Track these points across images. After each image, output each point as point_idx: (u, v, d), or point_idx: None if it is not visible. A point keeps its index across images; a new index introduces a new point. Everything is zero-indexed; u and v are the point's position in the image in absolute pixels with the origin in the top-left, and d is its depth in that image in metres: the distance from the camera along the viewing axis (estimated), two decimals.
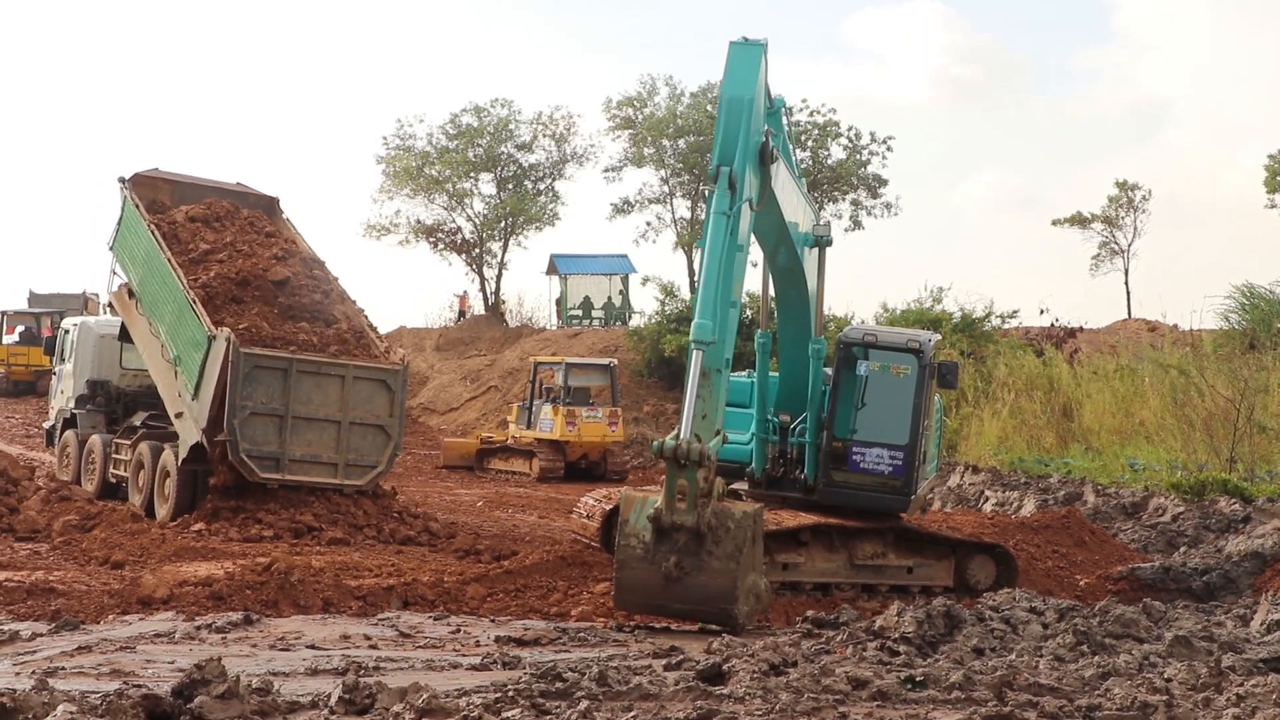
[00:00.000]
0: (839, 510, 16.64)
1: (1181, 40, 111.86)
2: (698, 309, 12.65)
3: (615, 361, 37.87)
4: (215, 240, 22.99)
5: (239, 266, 22.35)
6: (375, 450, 21.20)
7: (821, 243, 16.44)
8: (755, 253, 15.00)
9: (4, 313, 51.65)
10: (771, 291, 16.89)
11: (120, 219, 23.54)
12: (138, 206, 22.93)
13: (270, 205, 24.88)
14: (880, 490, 16.51)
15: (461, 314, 59.91)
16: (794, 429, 16.76)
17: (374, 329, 23.03)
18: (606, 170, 59.29)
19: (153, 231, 22.27)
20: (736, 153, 12.99)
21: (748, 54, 13.16)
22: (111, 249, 23.95)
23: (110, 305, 25.07)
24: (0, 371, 48.31)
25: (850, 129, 55.32)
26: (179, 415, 21.32)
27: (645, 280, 53.80)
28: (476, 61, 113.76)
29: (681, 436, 12.28)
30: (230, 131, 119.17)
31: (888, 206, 56.05)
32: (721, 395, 12.94)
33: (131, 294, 23.26)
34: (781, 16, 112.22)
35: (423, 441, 41.65)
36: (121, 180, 23.57)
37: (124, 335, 24.45)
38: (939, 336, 19.65)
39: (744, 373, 18.55)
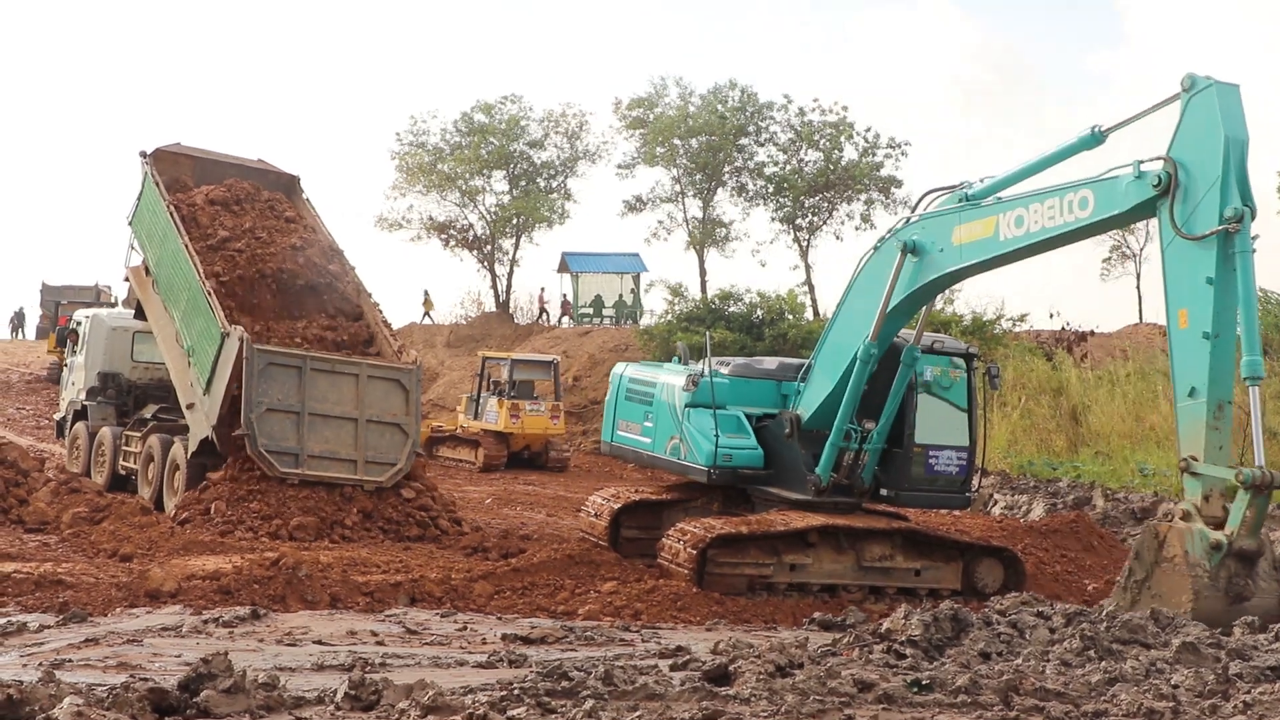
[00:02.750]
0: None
1: (1194, 45, 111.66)
2: (1246, 346, 12.67)
3: (559, 358, 39.11)
4: (234, 226, 22.85)
5: (256, 255, 22.31)
6: (394, 448, 21.12)
7: None
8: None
9: (57, 304, 52.30)
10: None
11: (140, 194, 23.42)
12: (158, 184, 22.77)
13: (291, 185, 24.73)
14: (946, 490, 17.19)
15: (427, 314, 59.91)
16: (869, 436, 16.84)
17: (388, 325, 22.99)
18: (619, 168, 59.39)
19: (171, 213, 22.17)
20: (1250, 193, 13.05)
21: (1233, 95, 13.23)
22: (130, 224, 23.85)
23: (127, 280, 24.99)
24: (53, 359, 48.65)
25: (868, 129, 55.25)
26: (190, 406, 21.32)
27: (650, 285, 53.84)
28: (490, 58, 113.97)
29: (1260, 464, 12.40)
30: (245, 125, 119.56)
31: (905, 204, 55.97)
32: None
33: (148, 271, 23.22)
34: (791, 15, 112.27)
35: None
36: (143, 154, 23.43)
37: (139, 313, 24.45)
38: None
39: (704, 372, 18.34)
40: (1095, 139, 14.75)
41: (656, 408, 18.38)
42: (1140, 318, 49.45)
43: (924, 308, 17.20)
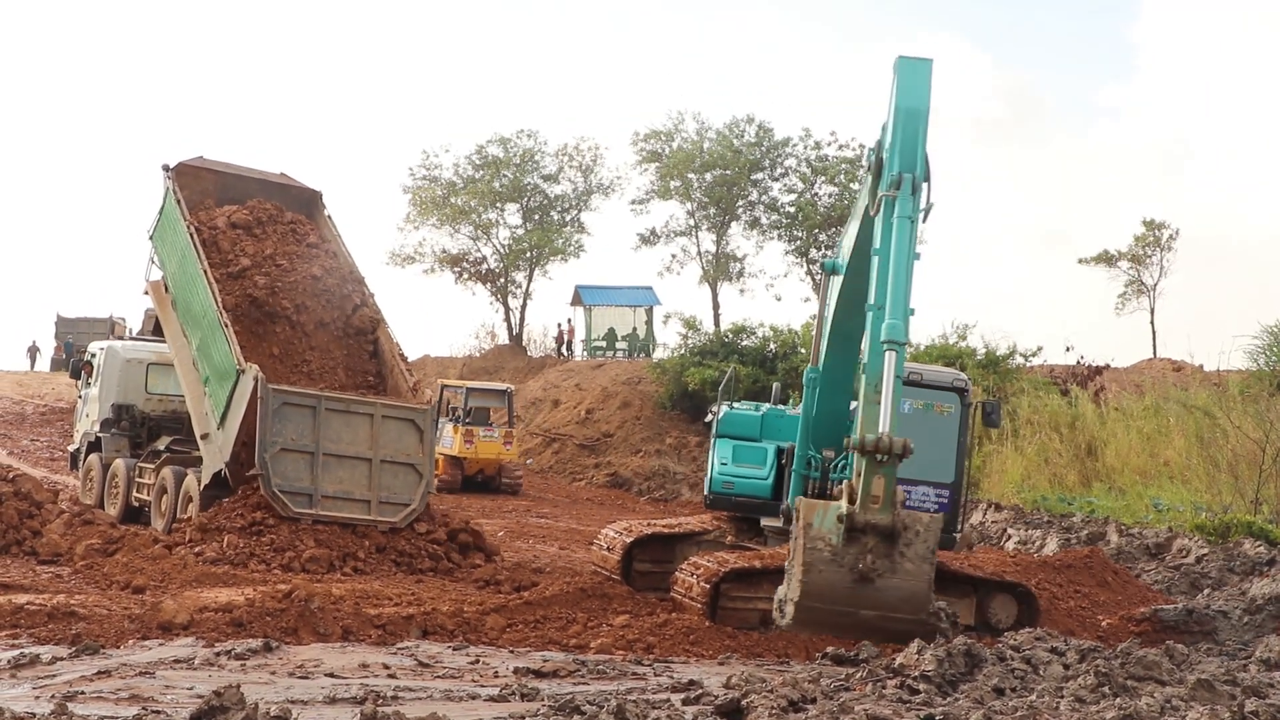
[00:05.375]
0: None
1: (1206, 76, 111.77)
2: (889, 310, 12.40)
3: (513, 387, 41.21)
4: (256, 252, 22.68)
5: (277, 287, 22.25)
6: (407, 488, 21.04)
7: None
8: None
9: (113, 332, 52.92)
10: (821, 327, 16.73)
11: (161, 209, 23.19)
12: (179, 202, 22.52)
13: (313, 202, 24.43)
14: None
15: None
16: (835, 465, 16.71)
17: (404, 358, 22.93)
18: (633, 202, 59.57)
19: (192, 236, 22.00)
20: (918, 161, 13.00)
21: (919, 68, 13.27)
22: (151, 238, 23.66)
23: (146, 293, 24.92)
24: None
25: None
26: (205, 436, 21.33)
27: (667, 318, 53.90)
28: (503, 93, 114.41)
29: (882, 430, 12.06)
30: (257, 158, 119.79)
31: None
32: (899, 399, 12.76)
33: (168, 288, 23.16)
34: (804, 52, 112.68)
35: None
36: (165, 168, 23.10)
37: (158, 330, 24.40)
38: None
39: (750, 405, 18.51)
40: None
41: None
42: (1154, 352, 49.34)
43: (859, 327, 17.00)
